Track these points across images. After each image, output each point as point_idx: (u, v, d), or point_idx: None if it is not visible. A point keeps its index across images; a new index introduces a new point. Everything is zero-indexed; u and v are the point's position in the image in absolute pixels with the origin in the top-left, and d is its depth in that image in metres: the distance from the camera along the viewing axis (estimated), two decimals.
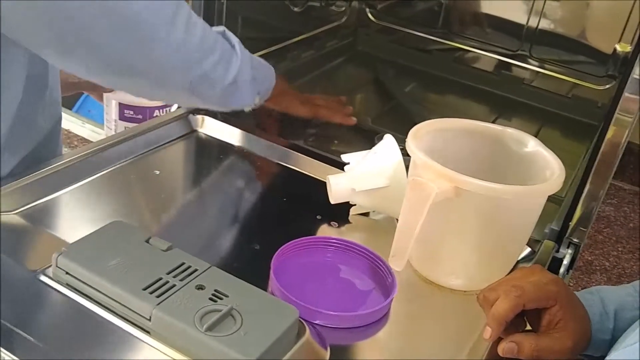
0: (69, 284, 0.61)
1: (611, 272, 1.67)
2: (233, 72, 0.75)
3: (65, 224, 0.75)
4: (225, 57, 0.74)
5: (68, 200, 0.78)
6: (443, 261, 0.73)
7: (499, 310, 0.56)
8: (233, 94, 0.77)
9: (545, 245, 0.81)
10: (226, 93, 0.76)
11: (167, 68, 0.70)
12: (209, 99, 0.76)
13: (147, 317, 0.57)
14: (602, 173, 0.77)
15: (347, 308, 0.67)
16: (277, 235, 0.74)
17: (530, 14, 1.25)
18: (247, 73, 0.78)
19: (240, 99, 0.79)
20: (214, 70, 0.73)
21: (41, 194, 0.76)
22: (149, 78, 0.70)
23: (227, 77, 0.75)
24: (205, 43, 0.71)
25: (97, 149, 0.86)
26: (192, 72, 0.71)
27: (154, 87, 0.73)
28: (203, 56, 0.71)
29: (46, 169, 0.79)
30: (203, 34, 0.71)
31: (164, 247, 0.64)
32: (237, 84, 0.76)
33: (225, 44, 0.75)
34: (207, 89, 0.74)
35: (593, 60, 1.23)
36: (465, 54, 1.35)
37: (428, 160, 0.67)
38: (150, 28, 0.65)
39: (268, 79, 0.85)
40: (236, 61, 0.75)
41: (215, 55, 0.72)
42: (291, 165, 0.93)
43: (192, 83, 0.72)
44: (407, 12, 1.40)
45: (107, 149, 0.86)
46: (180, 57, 0.69)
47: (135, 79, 0.71)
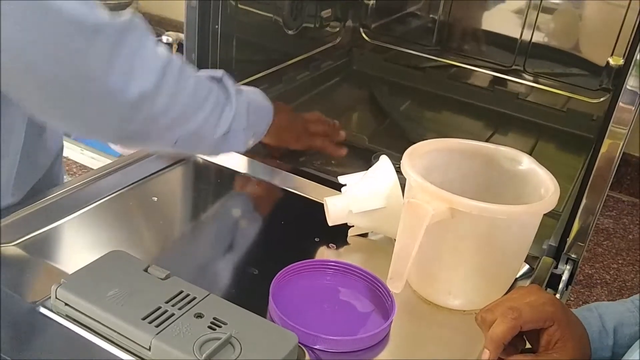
0: (69, 315, 0.61)
1: (612, 285, 1.67)
2: (224, 125, 0.72)
3: (64, 254, 0.75)
4: (217, 110, 0.71)
5: (67, 230, 0.78)
6: (441, 282, 0.73)
7: (496, 333, 0.56)
8: (224, 144, 0.74)
9: (544, 261, 0.81)
10: (215, 145, 0.74)
11: (152, 131, 0.66)
12: (195, 152, 0.75)
13: (147, 347, 0.57)
14: (597, 187, 0.77)
15: (346, 331, 0.67)
16: (275, 259, 0.74)
17: (524, 28, 1.26)
18: (241, 122, 0.75)
19: (232, 147, 0.77)
20: (203, 126, 0.70)
21: (39, 224, 0.76)
22: (134, 139, 0.68)
23: (217, 131, 0.72)
24: (195, 99, 0.68)
25: (96, 177, 0.86)
26: (178, 132, 0.68)
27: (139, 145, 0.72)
28: (192, 114, 0.68)
29: (44, 200, 0.79)
30: (194, 89, 0.67)
31: (162, 276, 0.64)
32: (229, 135, 0.73)
33: (220, 95, 0.72)
34: (194, 145, 0.72)
35: (586, 73, 1.24)
36: (459, 71, 1.36)
37: (423, 182, 0.68)
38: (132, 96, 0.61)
39: (265, 120, 0.83)
40: (229, 112, 0.73)
41: (206, 110, 0.69)
42: (288, 188, 0.94)
43: (177, 141, 0.69)
44: (400, 31, 1.41)
45: (105, 177, 0.87)
46: (165, 121, 0.65)
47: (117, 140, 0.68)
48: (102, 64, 0.58)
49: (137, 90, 0.60)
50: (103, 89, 0.59)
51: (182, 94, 0.65)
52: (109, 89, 0.59)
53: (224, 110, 0.72)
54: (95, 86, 0.59)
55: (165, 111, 0.64)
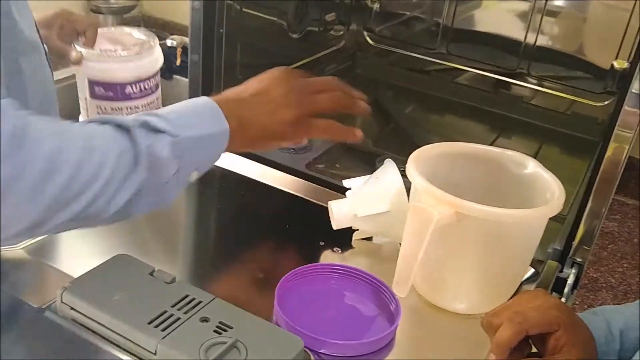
0: (74, 319, 0.62)
1: (617, 289, 1.66)
2: (124, 195, 0.55)
3: (70, 258, 0.75)
4: (115, 180, 0.55)
5: (72, 234, 0.78)
6: (446, 286, 0.73)
7: (502, 337, 0.56)
8: (133, 208, 0.58)
9: (549, 265, 0.81)
10: (118, 215, 0.57)
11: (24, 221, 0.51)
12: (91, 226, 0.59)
13: (153, 352, 0.57)
14: (603, 190, 0.77)
15: (352, 335, 0.67)
16: (281, 262, 0.74)
17: (528, 31, 1.26)
18: (161, 175, 0.58)
19: (149, 206, 0.60)
20: (90, 208, 0.54)
21: None
22: None
23: (112, 207, 0.55)
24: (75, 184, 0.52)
25: None
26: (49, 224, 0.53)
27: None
28: (71, 200, 0.52)
29: None
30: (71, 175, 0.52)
31: (168, 280, 0.64)
32: (139, 200, 0.57)
33: (120, 161, 0.55)
34: (83, 224, 0.57)
35: (591, 76, 1.24)
36: (463, 74, 1.36)
37: (429, 186, 0.68)
38: None
39: (212, 148, 0.63)
40: (136, 177, 0.56)
41: (95, 188, 0.53)
42: (293, 191, 0.94)
43: (55, 229, 0.54)
44: (404, 35, 1.41)
45: None
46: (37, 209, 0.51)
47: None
48: None
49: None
50: None
51: (45, 195, 0.51)
52: None
53: (128, 177, 0.56)
54: None
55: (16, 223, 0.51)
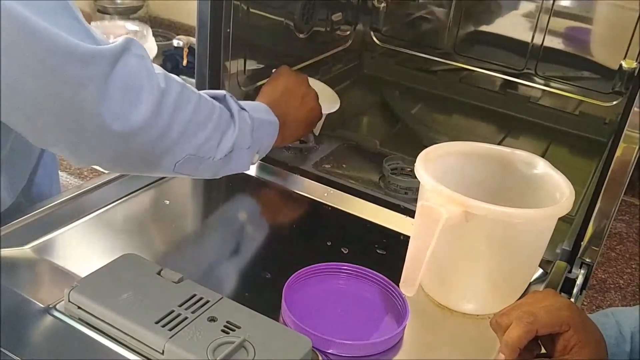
0: (82, 318, 0.61)
1: (626, 290, 1.66)
2: (227, 145, 0.70)
3: (77, 258, 0.75)
4: (219, 131, 0.69)
5: (79, 233, 0.78)
6: (455, 286, 0.72)
7: (512, 337, 0.56)
8: (227, 165, 0.72)
9: (558, 266, 0.80)
10: (218, 166, 0.72)
11: (149, 159, 0.65)
12: (197, 174, 0.72)
13: (160, 351, 0.57)
14: (612, 191, 0.77)
15: (360, 336, 0.67)
16: (288, 262, 0.74)
17: (535, 31, 1.25)
18: (244, 141, 0.73)
19: (236, 167, 0.75)
20: (203, 149, 0.68)
21: (52, 227, 0.77)
22: (131, 166, 0.67)
23: (219, 153, 0.70)
24: (194, 122, 0.65)
25: (108, 181, 0.86)
26: (176, 157, 0.66)
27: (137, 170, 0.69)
28: (191, 137, 0.66)
29: (57, 202, 0.79)
30: (193, 112, 0.65)
31: (175, 279, 0.64)
32: (231, 155, 0.71)
33: (222, 116, 0.70)
34: (195, 168, 0.69)
35: (599, 76, 1.23)
36: (470, 74, 1.36)
37: (437, 185, 0.67)
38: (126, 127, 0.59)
39: (270, 135, 0.80)
40: (232, 133, 0.71)
41: (206, 132, 0.67)
42: (300, 191, 0.94)
43: (177, 166, 0.67)
44: (411, 34, 1.41)
45: (117, 180, 0.87)
46: (162, 148, 0.64)
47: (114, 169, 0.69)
48: (95, 95, 0.56)
49: (131, 121, 0.59)
50: (96, 121, 0.58)
51: (179, 119, 0.63)
52: (102, 121, 0.58)
53: (226, 131, 0.70)
54: (88, 118, 0.57)
55: (161, 138, 0.63)
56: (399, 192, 0.95)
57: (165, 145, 0.63)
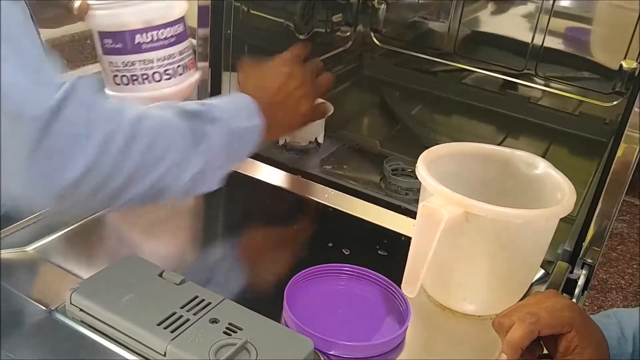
0: (83, 320, 0.61)
1: (627, 291, 1.65)
2: (192, 172, 0.63)
3: (79, 259, 0.75)
4: (184, 157, 0.62)
5: (81, 235, 0.78)
6: (456, 287, 0.72)
7: (514, 337, 0.56)
8: (193, 189, 0.65)
9: (559, 266, 0.80)
10: (182, 192, 0.64)
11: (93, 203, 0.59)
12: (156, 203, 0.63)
13: (162, 353, 0.57)
14: (613, 191, 0.77)
15: (362, 337, 0.67)
16: (289, 264, 0.74)
17: (535, 31, 1.25)
18: (216, 161, 0.66)
19: (204, 188, 0.66)
20: (163, 179, 0.60)
21: (54, 229, 0.77)
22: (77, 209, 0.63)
23: (181, 180, 0.62)
24: (151, 155, 0.58)
25: None
26: (129, 194, 0.59)
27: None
28: (146, 172, 0.59)
29: None
30: (151, 143, 0.58)
31: (177, 281, 0.64)
32: (197, 179, 0.64)
33: (189, 137, 0.62)
34: (152, 199, 0.62)
35: (599, 76, 1.23)
36: (470, 75, 1.36)
37: (438, 186, 0.67)
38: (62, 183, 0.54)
39: (250, 143, 0.70)
40: (200, 157, 0.63)
41: (167, 161, 0.60)
42: (301, 193, 0.94)
43: (129, 201, 0.59)
44: (411, 35, 1.41)
45: None
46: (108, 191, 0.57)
47: None
48: (21, 157, 0.52)
49: (64, 179, 0.53)
50: (22, 179, 0.53)
51: (128, 161, 0.57)
52: (35, 178, 0.53)
53: (192, 156, 0.62)
54: (22, 173, 0.53)
55: (103, 187, 0.56)
56: (399, 192, 0.95)
57: (111, 190, 0.57)
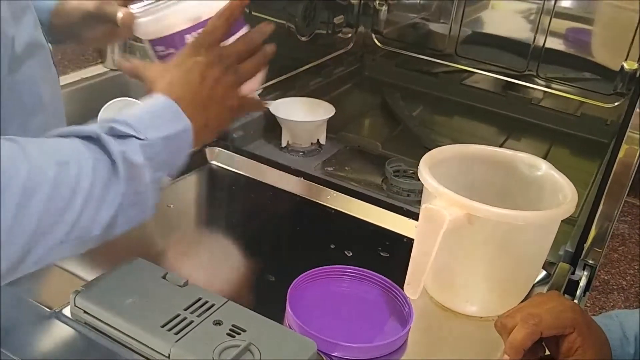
0: (88, 322, 0.62)
1: (629, 292, 1.65)
2: (110, 210, 0.54)
3: (83, 262, 0.75)
4: (95, 197, 0.52)
5: None
6: (458, 288, 0.73)
7: (516, 338, 0.56)
8: (121, 224, 0.56)
9: (561, 268, 0.81)
10: (106, 232, 0.55)
11: None
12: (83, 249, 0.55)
13: (166, 355, 0.57)
14: (615, 192, 0.77)
15: (364, 338, 0.67)
16: (292, 265, 0.74)
17: (537, 33, 1.25)
18: (139, 187, 0.56)
19: (137, 217, 0.57)
20: (74, 230, 0.51)
21: None
22: None
23: (98, 224, 0.53)
24: (52, 207, 0.49)
25: None
26: (34, 255, 0.50)
27: None
28: (50, 226, 0.50)
29: None
30: (50, 194, 0.49)
31: (180, 283, 0.64)
32: (120, 214, 0.55)
33: (97, 173, 0.52)
34: (73, 248, 0.53)
35: (600, 78, 1.24)
36: (471, 76, 1.36)
37: (440, 188, 0.67)
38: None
39: (181, 149, 0.60)
40: (116, 190, 0.53)
41: (74, 209, 0.51)
42: (303, 194, 0.94)
43: (38, 262, 0.51)
44: (412, 37, 1.41)
45: None
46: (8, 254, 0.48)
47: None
48: None
49: None
50: None
51: (26, 222, 0.48)
52: None
53: (106, 192, 0.53)
54: None
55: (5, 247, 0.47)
56: (401, 194, 0.96)
57: (11, 254, 0.48)
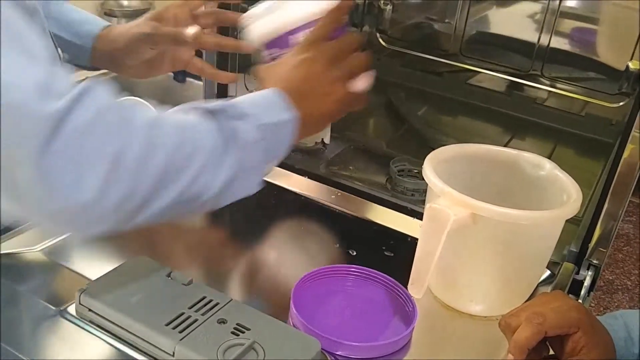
0: (92, 321, 0.62)
1: (633, 292, 1.65)
2: (224, 177, 0.56)
3: (88, 260, 0.75)
4: (212, 162, 0.55)
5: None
6: (462, 287, 0.73)
7: (521, 338, 0.56)
8: (228, 194, 0.58)
9: (565, 267, 0.80)
10: (216, 199, 0.57)
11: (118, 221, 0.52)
12: (191, 213, 0.58)
13: (171, 353, 0.57)
14: (620, 192, 0.77)
15: (368, 337, 0.67)
16: (296, 264, 0.74)
17: (542, 32, 1.25)
18: (250, 162, 0.59)
19: (238, 194, 0.60)
20: (190, 189, 0.54)
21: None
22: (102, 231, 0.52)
23: (213, 188, 0.56)
24: (173, 164, 0.52)
25: None
26: (154, 208, 0.52)
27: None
28: (170, 182, 0.52)
29: None
30: (172, 151, 0.52)
31: (185, 282, 0.64)
32: (233, 184, 0.58)
33: (215, 140, 0.55)
34: (186, 207, 0.55)
35: (605, 77, 1.23)
36: (476, 76, 1.36)
37: (445, 187, 0.68)
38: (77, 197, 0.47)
39: (285, 139, 0.62)
40: (231, 159, 0.56)
41: (192, 169, 0.53)
42: (307, 193, 0.94)
43: (154, 216, 0.53)
44: (417, 36, 1.41)
45: None
46: (131, 205, 0.50)
47: None
48: (33, 155, 0.45)
49: (79, 197, 0.47)
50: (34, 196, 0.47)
51: (150, 169, 0.51)
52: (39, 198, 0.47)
53: (223, 160, 0.56)
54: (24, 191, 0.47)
55: (124, 203, 0.50)
56: (405, 193, 0.96)
57: (132, 206, 0.51)
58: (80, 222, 0.50)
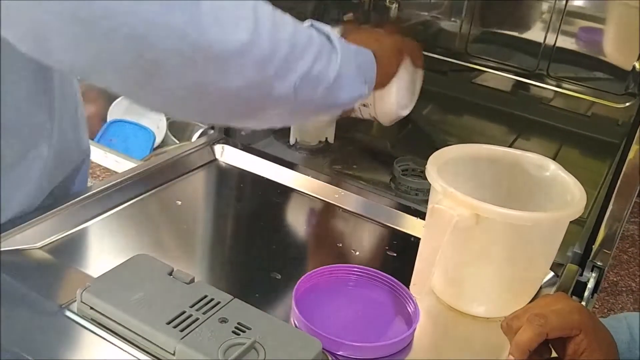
0: (94, 319, 0.62)
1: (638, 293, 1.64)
2: (335, 66, 0.64)
3: (89, 258, 0.76)
4: (324, 51, 0.63)
5: (91, 233, 0.79)
6: (465, 288, 0.72)
7: (522, 339, 0.56)
8: (340, 89, 0.66)
9: (569, 269, 0.80)
10: (333, 90, 0.65)
11: (264, 78, 0.58)
12: (315, 102, 0.65)
13: (171, 352, 0.57)
14: (625, 193, 0.76)
15: (370, 338, 0.67)
16: (298, 264, 0.74)
17: (548, 32, 1.25)
18: (350, 63, 0.67)
19: (349, 93, 0.68)
20: (315, 66, 0.61)
21: (64, 227, 0.77)
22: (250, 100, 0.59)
23: (330, 73, 0.64)
24: (296, 41, 0.59)
25: (120, 181, 0.87)
26: (292, 75, 0.59)
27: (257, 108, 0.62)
28: (299, 54, 0.60)
29: (69, 203, 0.80)
30: (294, 31, 0.59)
31: (186, 280, 0.64)
32: (342, 78, 0.65)
33: (320, 37, 0.64)
34: (311, 90, 0.63)
35: (612, 77, 1.23)
36: (481, 75, 1.35)
37: (448, 188, 0.67)
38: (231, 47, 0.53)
39: (370, 63, 0.72)
40: (336, 55, 0.64)
41: (311, 52, 0.61)
42: (311, 193, 0.94)
43: (296, 87, 0.60)
44: (423, 34, 1.41)
45: (129, 181, 0.88)
46: (275, 65, 0.57)
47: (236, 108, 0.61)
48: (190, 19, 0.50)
49: (235, 40, 0.53)
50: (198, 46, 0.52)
51: (282, 38, 0.58)
52: (204, 44, 0.52)
53: (331, 51, 0.64)
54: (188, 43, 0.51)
55: (272, 53, 0.56)
56: (409, 193, 0.95)
57: (276, 63, 0.57)
58: (223, 68, 0.54)
